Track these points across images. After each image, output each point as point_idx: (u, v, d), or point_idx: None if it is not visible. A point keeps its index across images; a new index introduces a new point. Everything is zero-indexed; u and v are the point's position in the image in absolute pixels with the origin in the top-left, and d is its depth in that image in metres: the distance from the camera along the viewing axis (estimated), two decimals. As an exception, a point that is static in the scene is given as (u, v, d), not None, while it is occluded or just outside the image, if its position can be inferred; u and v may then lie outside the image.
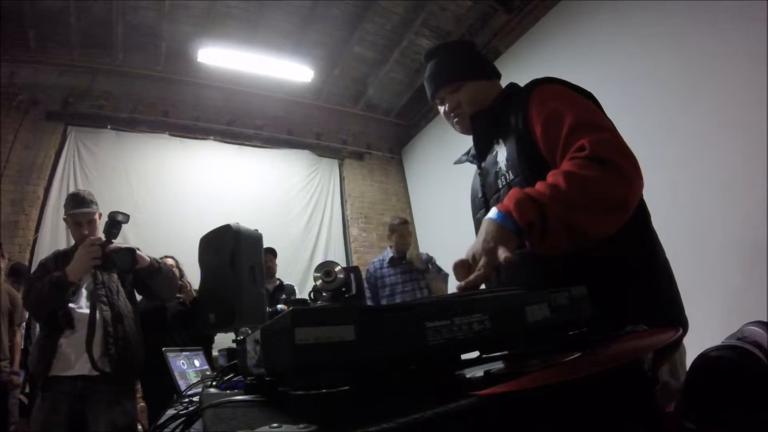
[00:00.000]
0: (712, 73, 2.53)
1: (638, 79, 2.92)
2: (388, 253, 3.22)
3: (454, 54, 1.14)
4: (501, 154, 0.98)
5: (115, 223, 1.82)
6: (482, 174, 1.07)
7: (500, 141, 0.99)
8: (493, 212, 0.75)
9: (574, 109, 0.86)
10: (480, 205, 1.08)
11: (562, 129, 0.83)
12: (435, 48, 1.18)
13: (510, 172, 0.94)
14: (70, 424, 1.70)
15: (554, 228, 0.71)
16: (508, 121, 0.97)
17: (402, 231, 3.20)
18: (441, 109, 1.15)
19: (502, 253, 0.67)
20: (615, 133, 0.83)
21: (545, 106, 0.89)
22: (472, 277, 0.69)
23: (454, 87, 1.09)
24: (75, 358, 1.75)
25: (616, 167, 0.74)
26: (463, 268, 0.75)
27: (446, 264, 2.98)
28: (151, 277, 1.91)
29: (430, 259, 3.19)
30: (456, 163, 1.20)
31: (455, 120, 1.11)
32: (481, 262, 0.70)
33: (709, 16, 2.58)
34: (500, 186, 0.97)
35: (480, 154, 1.08)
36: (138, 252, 1.85)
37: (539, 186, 0.75)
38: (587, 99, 0.93)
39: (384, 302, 2.97)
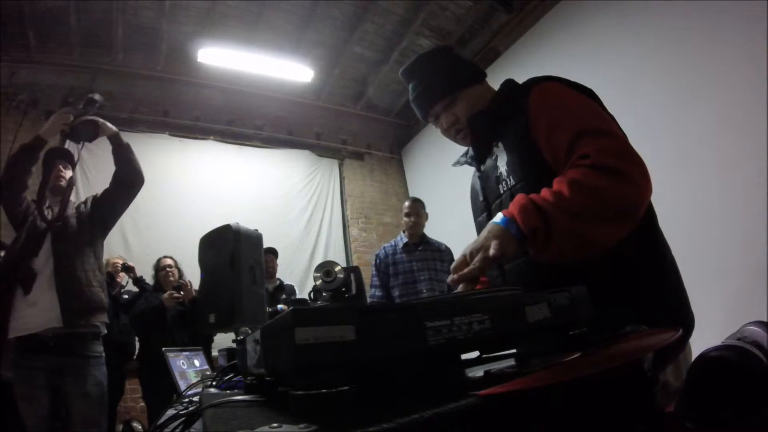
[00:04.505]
0: (712, 73, 2.53)
1: (638, 79, 2.92)
2: (402, 239, 2.87)
3: (436, 65, 1.04)
4: (501, 158, 0.95)
5: (90, 101, 1.94)
6: (482, 177, 1.05)
7: (500, 144, 0.96)
8: (498, 217, 0.75)
9: (577, 112, 0.85)
10: (482, 209, 1.05)
11: (566, 136, 0.81)
12: (413, 63, 1.06)
13: (511, 177, 0.92)
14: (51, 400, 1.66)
15: (558, 234, 0.71)
16: (507, 122, 0.95)
17: (416, 212, 2.84)
18: (438, 127, 1.08)
19: (492, 249, 0.68)
20: (619, 136, 0.81)
21: (546, 109, 0.87)
22: (466, 270, 0.70)
23: (448, 101, 1.02)
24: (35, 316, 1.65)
25: (621, 175, 0.73)
26: (461, 267, 0.75)
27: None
28: (116, 149, 1.91)
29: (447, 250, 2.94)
30: (455, 165, 1.17)
31: (458, 135, 1.05)
32: (477, 257, 0.71)
33: (709, 16, 2.58)
34: (501, 191, 0.95)
35: (479, 156, 1.05)
36: (101, 122, 1.86)
37: (544, 192, 0.74)
38: (588, 98, 0.91)
39: (396, 292, 2.72)
